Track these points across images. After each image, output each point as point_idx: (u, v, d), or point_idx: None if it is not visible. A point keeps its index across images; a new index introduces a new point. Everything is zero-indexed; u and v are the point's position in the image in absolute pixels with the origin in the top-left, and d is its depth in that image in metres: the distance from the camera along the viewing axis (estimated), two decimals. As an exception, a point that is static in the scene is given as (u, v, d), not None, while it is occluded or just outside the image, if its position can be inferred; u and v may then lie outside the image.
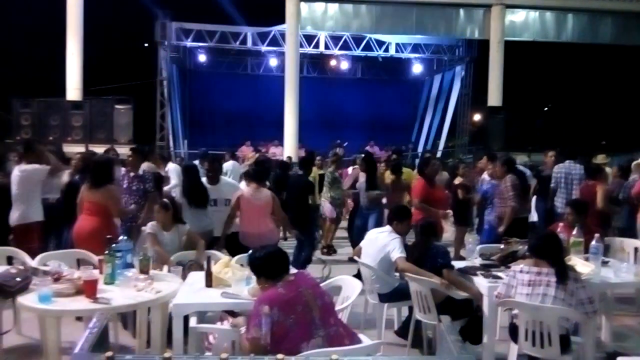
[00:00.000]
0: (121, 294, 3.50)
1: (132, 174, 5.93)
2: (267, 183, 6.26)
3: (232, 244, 5.44)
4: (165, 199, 5.06)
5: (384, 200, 7.46)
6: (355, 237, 7.04)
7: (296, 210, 6.71)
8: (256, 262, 3.12)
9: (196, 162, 9.16)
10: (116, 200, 5.13)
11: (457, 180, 7.75)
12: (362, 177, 7.49)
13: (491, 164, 7.00)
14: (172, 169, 7.58)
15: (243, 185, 6.01)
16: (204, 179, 5.96)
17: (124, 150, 7.80)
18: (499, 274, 4.13)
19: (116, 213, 5.14)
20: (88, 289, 3.38)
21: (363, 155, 8.76)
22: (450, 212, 6.45)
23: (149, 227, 4.80)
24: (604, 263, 4.36)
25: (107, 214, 5.00)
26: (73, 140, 12.20)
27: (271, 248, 3.24)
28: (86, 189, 5.02)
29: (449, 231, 7.78)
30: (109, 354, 1.75)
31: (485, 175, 7.26)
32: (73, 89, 13.66)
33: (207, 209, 5.68)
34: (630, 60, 17.71)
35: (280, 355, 1.91)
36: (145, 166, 6.38)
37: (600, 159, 8.58)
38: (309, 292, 2.94)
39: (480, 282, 4.08)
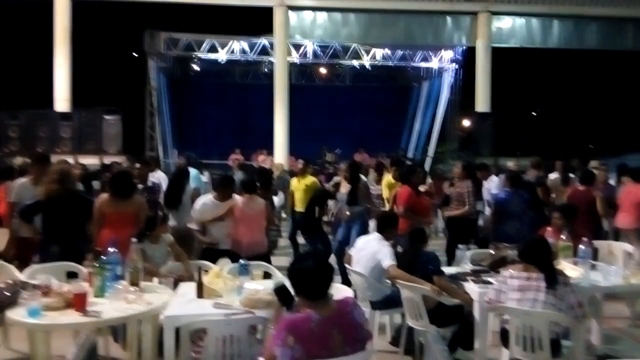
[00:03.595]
0: (111, 306, 3.47)
1: (141, 186, 5.89)
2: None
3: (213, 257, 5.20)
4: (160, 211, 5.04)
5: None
6: (336, 251, 6.67)
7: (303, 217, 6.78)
8: (300, 278, 2.62)
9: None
10: (146, 209, 5.06)
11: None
12: (344, 188, 6.87)
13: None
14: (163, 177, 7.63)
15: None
16: (211, 196, 5.65)
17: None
18: (489, 279, 4.16)
19: (141, 223, 4.98)
20: (78, 303, 3.35)
21: (349, 163, 7.73)
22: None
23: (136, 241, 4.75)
24: (593, 267, 4.40)
25: (137, 222, 4.92)
26: (62, 151, 12.09)
27: (318, 260, 2.67)
28: (109, 201, 4.93)
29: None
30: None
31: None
32: (61, 100, 13.55)
33: None
34: (615, 65, 17.95)
35: None
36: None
37: (594, 164, 8.63)
38: (339, 338, 2.55)
39: (471, 288, 4.10)
